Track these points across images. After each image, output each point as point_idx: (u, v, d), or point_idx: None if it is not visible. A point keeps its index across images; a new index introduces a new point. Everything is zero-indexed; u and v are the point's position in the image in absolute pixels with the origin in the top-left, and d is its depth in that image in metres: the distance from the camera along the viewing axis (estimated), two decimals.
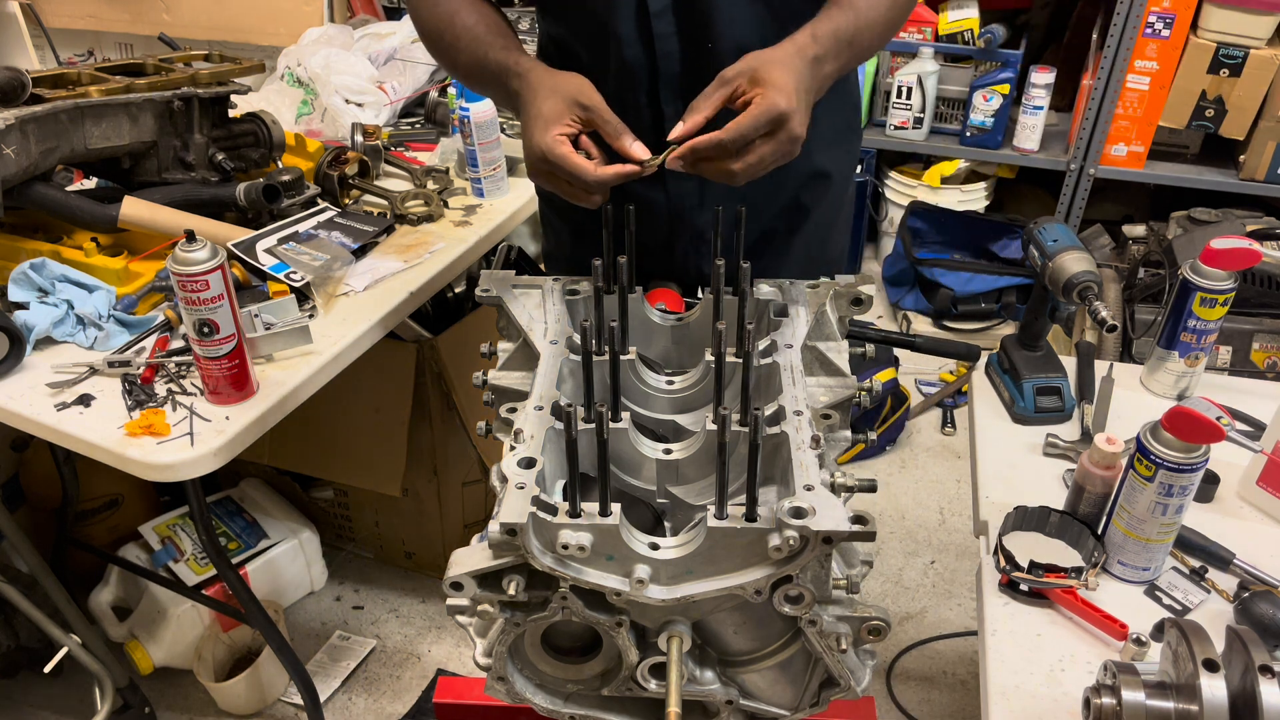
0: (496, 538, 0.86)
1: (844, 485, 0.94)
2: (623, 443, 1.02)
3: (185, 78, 1.74)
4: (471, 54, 1.24)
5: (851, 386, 1.11)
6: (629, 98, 1.29)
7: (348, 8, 3.18)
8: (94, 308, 1.53)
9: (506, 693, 1.04)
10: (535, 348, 1.13)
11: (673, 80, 1.26)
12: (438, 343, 2.08)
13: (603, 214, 1.15)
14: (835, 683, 1.00)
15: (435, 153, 2.17)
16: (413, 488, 2.23)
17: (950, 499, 2.69)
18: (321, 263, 1.64)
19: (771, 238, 1.41)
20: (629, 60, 1.25)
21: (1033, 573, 1.15)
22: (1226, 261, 1.37)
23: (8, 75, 1.51)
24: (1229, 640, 0.89)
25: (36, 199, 1.60)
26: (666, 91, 1.28)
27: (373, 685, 2.19)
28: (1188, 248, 2.49)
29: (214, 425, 1.38)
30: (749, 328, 0.98)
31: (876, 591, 2.40)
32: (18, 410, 1.42)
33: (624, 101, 1.30)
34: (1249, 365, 2.46)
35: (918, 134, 3.26)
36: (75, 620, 1.87)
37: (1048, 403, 1.46)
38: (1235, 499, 1.33)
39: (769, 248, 1.41)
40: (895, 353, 2.85)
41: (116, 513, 2.24)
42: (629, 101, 1.30)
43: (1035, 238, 1.44)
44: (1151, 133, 2.97)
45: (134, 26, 3.31)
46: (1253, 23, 2.69)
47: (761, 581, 0.88)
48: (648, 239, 1.36)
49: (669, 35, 1.23)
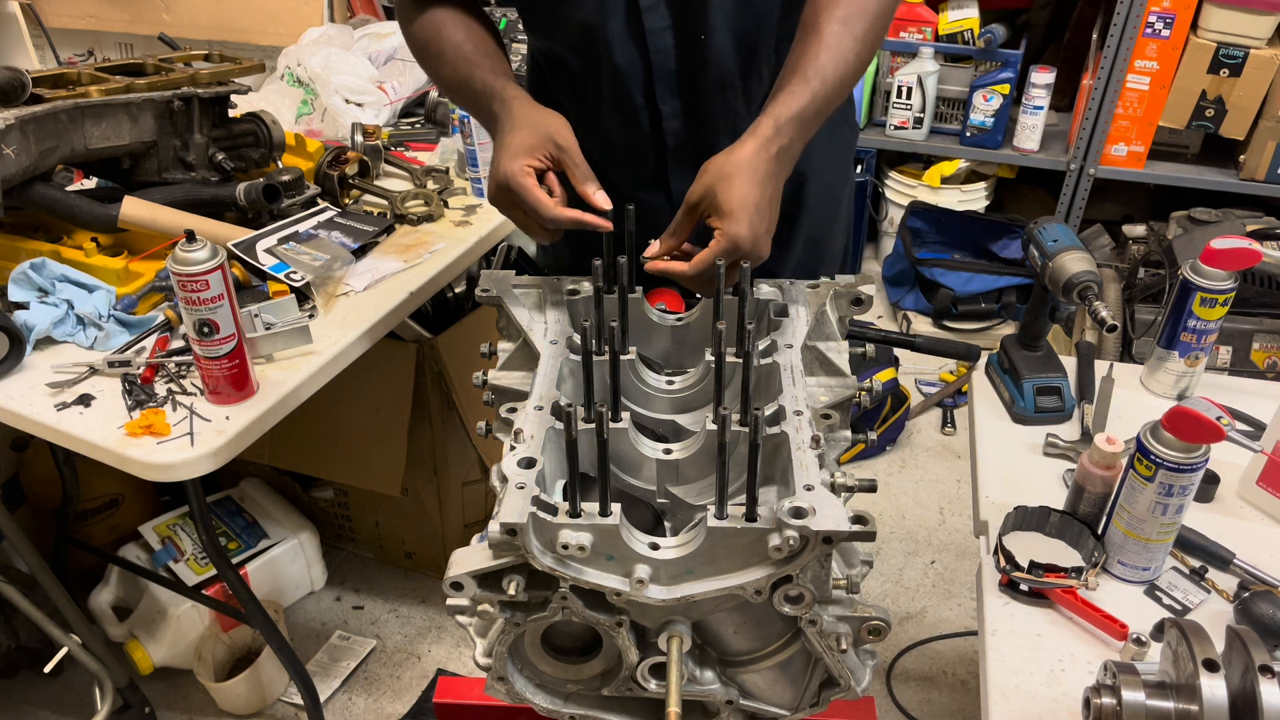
0: (496, 538, 0.86)
1: (844, 485, 0.94)
2: (623, 443, 1.02)
3: (185, 78, 1.74)
4: (456, 70, 1.24)
5: (851, 386, 1.11)
6: (626, 100, 1.29)
7: (348, 8, 3.18)
8: (94, 308, 1.53)
9: (506, 693, 1.04)
10: (535, 348, 1.13)
11: (668, 76, 1.26)
12: (438, 343, 2.08)
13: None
14: (835, 683, 1.00)
15: (435, 153, 2.17)
16: (413, 488, 2.23)
17: (950, 499, 2.69)
18: (321, 263, 1.64)
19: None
20: (621, 62, 1.25)
21: (1033, 573, 1.15)
22: (1226, 261, 1.37)
23: (8, 75, 1.51)
24: (1229, 640, 0.89)
25: (36, 199, 1.60)
26: (663, 88, 1.27)
27: (373, 685, 2.19)
28: (1188, 248, 2.49)
29: (214, 425, 1.38)
30: (749, 328, 0.98)
31: (876, 591, 2.40)
32: (18, 410, 1.42)
33: (621, 104, 1.30)
34: (1249, 365, 2.46)
35: (918, 134, 3.26)
36: (75, 620, 1.87)
37: (1048, 403, 1.46)
38: (1235, 499, 1.33)
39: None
40: (895, 353, 2.85)
41: (116, 513, 2.24)
42: (626, 103, 1.30)
43: (1035, 238, 1.44)
44: (1151, 133, 2.97)
45: (134, 26, 3.31)
46: (1253, 23, 2.69)
47: (761, 581, 0.88)
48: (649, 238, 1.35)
49: (662, 30, 1.22)
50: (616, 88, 1.28)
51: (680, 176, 1.36)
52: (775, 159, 1.09)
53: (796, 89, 1.10)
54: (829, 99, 1.11)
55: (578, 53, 1.29)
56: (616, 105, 1.30)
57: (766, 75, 1.30)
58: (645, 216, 1.17)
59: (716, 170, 1.08)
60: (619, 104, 1.30)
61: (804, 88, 1.10)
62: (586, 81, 1.31)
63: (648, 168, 1.37)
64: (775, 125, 1.09)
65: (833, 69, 1.10)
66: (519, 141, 1.13)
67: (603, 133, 1.35)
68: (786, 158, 1.11)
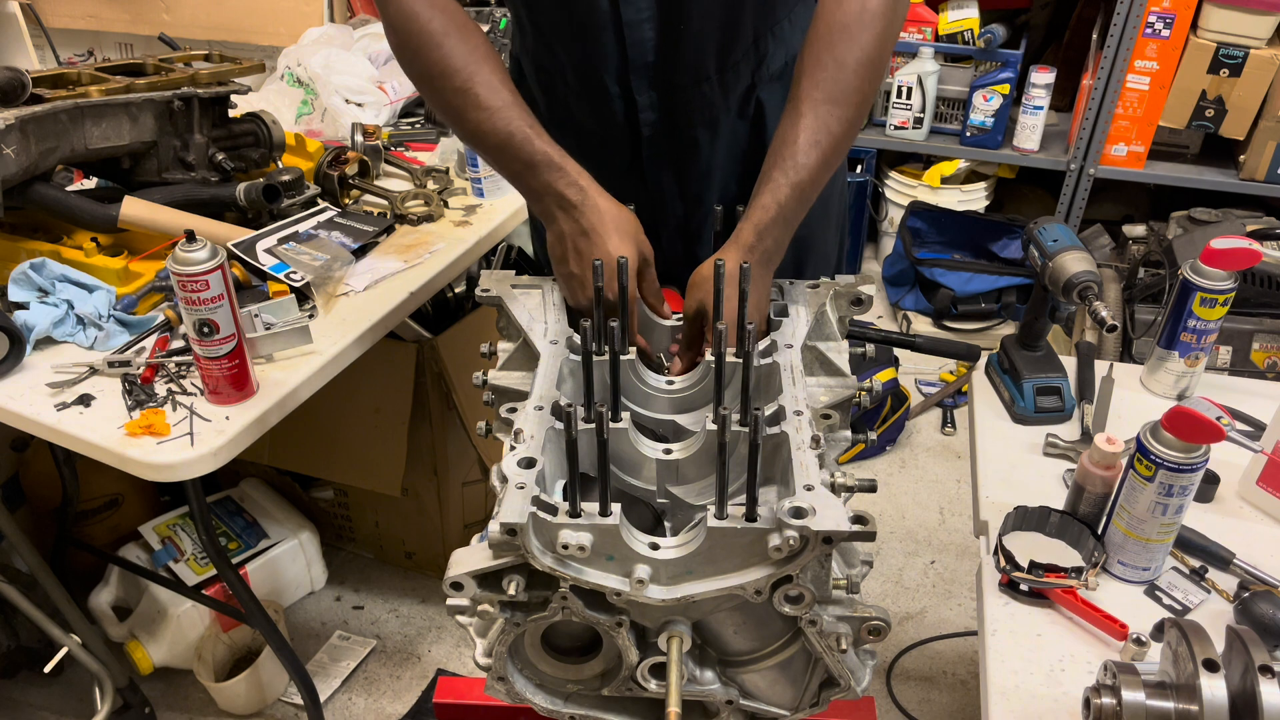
0: (496, 538, 0.86)
1: (844, 485, 0.94)
2: (623, 443, 1.02)
3: (185, 78, 1.74)
4: (491, 120, 1.15)
5: (851, 386, 1.11)
6: (600, 91, 1.28)
7: (348, 8, 3.18)
8: (94, 308, 1.53)
9: (506, 693, 1.04)
10: (535, 348, 1.13)
11: (644, 69, 1.25)
12: (438, 343, 2.08)
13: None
14: (835, 683, 1.00)
15: (435, 153, 2.17)
16: (413, 488, 2.23)
17: (950, 499, 2.69)
18: (321, 263, 1.64)
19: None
20: (596, 52, 1.24)
21: (1033, 573, 1.15)
22: (1226, 261, 1.37)
23: (8, 75, 1.51)
24: (1229, 640, 0.89)
25: (36, 199, 1.60)
26: (638, 80, 1.26)
27: (373, 685, 2.19)
28: (1188, 248, 2.48)
29: (214, 425, 1.38)
30: (749, 328, 0.98)
31: (876, 591, 2.40)
32: (18, 410, 1.42)
33: (595, 94, 1.29)
34: (1249, 365, 2.46)
35: (918, 134, 3.26)
36: (75, 620, 1.87)
37: (1048, 403, 1.46)
38: (1235, 499, 1.33)
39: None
40: (895, 353, 2.85)
41: (116, 513, 2.24)
42: (600, 94, 1.29)
43: (1035, 238, 1.44)
44: (1151, 133, 2.97)
45: (134, 26, 3.31)
46: (1253, 23, 2.69)
47: (761, 581, 0.88)
48: None
49: (639, 22, 1.21)
50: (591, 78, 1.27)
51: (655, 165, 1.35)
52: (759, 264, 1.11)
53: (778, 183, 1.10)
54: (815, 182, 1.11)
55: (557, 41, 1.28)
56: (589, 95, 1.30)
57: (745, 69, 1.29)
58: (623, 201, 1.17)
59: (705, 284, 1.10)
60: (592, 94, 1.30)
61: (784, 180, 1.09)
62: (563, 69, 1.30)
63: (623, 156, 1.36)
64: (756, 232, 1.10)
65: (813, 150, 1.09)
66: (622, 227, 1.14)
67: (575, 121, 1.34)
68: (770, 258, 1.12)
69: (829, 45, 1.10)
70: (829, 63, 1.09)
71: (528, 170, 1.16)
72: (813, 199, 1.13)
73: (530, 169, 1.15)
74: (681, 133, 1.32)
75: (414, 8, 1.16)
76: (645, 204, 1.35)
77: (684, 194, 1.35)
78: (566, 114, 1.34)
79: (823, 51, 1.10)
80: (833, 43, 1.10)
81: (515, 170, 1.17)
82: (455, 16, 1.18)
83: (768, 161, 1.12)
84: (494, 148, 1.17)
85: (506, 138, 1.15)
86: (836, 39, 1.09)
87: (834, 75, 1.09)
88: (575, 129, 1.33)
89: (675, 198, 1.36)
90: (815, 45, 1.11)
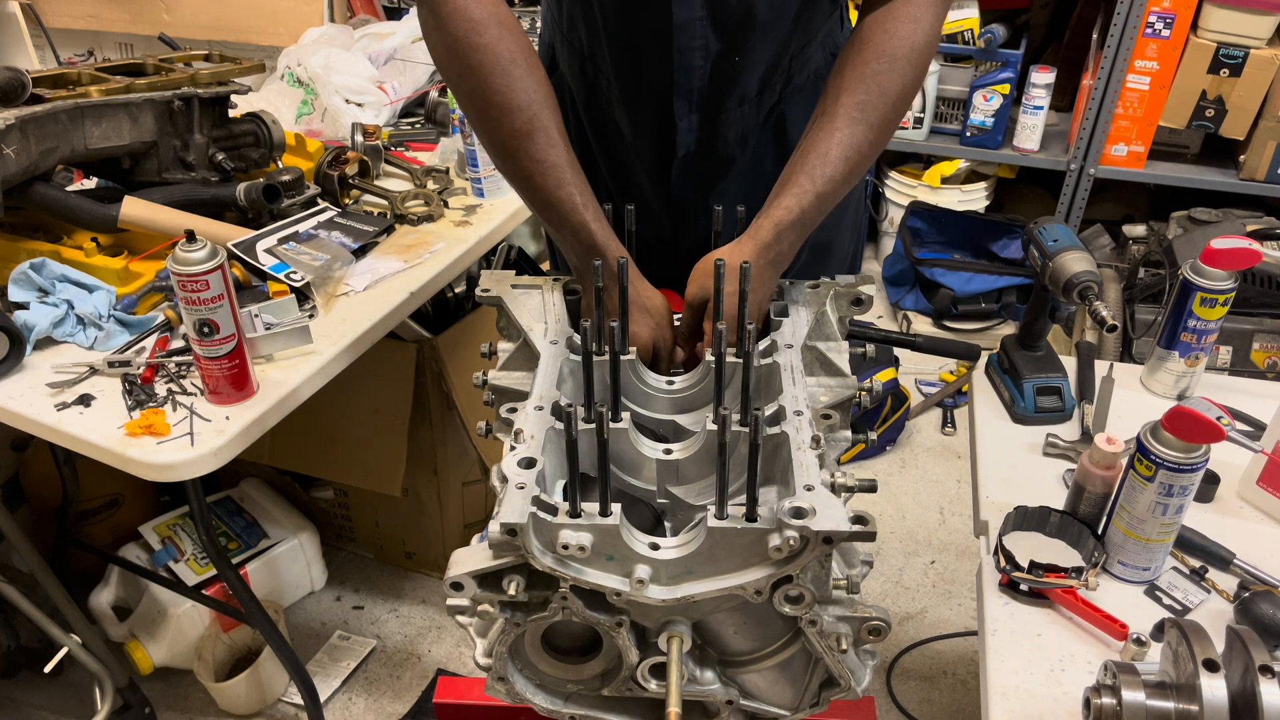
0: (496, 538, 0.86)
1: (844, 485, 0.94)
2: (623, 443, 1.02)
3: (185, 78, 1.74)
4: (543, 176, 1.12)
5: (852, 386, 1.11)
6: (643, 110, 1.28)
7: (348, 8, 3.18)
8: (94, 308, 1.53)
9: (506, 693, 1.04)
10: (535, 348, 1.13)
11: (689, 94, 1.26)
12: (438, 343, 2.08)
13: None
14: (835, 683, 1.00)
15: (435, 153, 2.17)
16: (413, 488, 2.23)
17: (950, 499, 2.69)
18: (321, 263, 1.64)
19: None
20: (646, 73, 1.24)
21: (1033, 573, 1.15)
22: (1226, 261, 1.37)
23: (8, 75, 1.51)
24: (1229, 640, 0.89)
25: (36, 199, 1.60)
26: (681, 104, 1.27)
27: (373, 685, 2.19)
28: (1188, 248, 2.48)
29: (214, 425, 1.38)
30: (750, 328, 0.98)
31: (876, 591, 2.40)
32: (18, 410, 1.42)
33: (637, 113, 1.29)
34: (1249, 365, 2.46)
35: (918, 134, 3.26)
36: (75, 620, 1.87)
37: (1048, 403, 1.46)
38: (1235, 499, 1.33)
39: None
40: (895, 353, 2.85)
41: (116, 513, 2.24)
42: (642, 113, 1.29)
43: (1035, 238, 1.44)
44: (1152, 133, 2.97)
45: (134, 26, 3.31)
46: (1253, 23, 2.70)
47: (762, 581, 0.88)
48: (650, 238, 1.35)
49: (690, 50, 1.21)
50: (638, 98, 1.27)
51: (683, 180, 1.36)
52: (771, 264, 1.11)
53: (804, 188, 1.10)
54: (835, 195, 1.12)
55: (613, 53, 1.28)
56: (629, 106, 1.30)
57: (777, 87, 1.30)
58: (643, 212, 1.17)
59: (708, 274, 1.10)
60: (633, 107, 1.30)
61: (810, 187, 1.10)
62: (608, 79, 1.30)
63: (652, 169, 1.37)
64: (776, 230, 1.10)
65: (842, 164, 1.10)
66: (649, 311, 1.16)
67: (607, 132, 1.34)
68: (782, 261, 1.13)
69: (874, 73, 1.11)
70: (874, 89, 1.11)
71: (566, 232, 1.15)
72: (828, 211, 1.13)
73: (570, 232, 1.14)
74: (717, 151, 1.33)
75: (477, 14, 1.09)
76: (668, 215, 1.35)
77: (708, 207, 1.36)
78: (603, 115, 1.35)
79: (868, 77, 1.11)
80: (879, 71, 1.11)
81: (550, 221, 1.17)
82: (520, 40, 1.12)
83: (793, 165, 1.12)
84: (540, 203, 1.15)
85: (555, 202, 1.13)
86: (883, 69, 1.10)
87: (876, 102, 1.11)
88: (608, 140, 1.33)
89: (699, 212, 1.36)
90: (860, 69, 1.11)
